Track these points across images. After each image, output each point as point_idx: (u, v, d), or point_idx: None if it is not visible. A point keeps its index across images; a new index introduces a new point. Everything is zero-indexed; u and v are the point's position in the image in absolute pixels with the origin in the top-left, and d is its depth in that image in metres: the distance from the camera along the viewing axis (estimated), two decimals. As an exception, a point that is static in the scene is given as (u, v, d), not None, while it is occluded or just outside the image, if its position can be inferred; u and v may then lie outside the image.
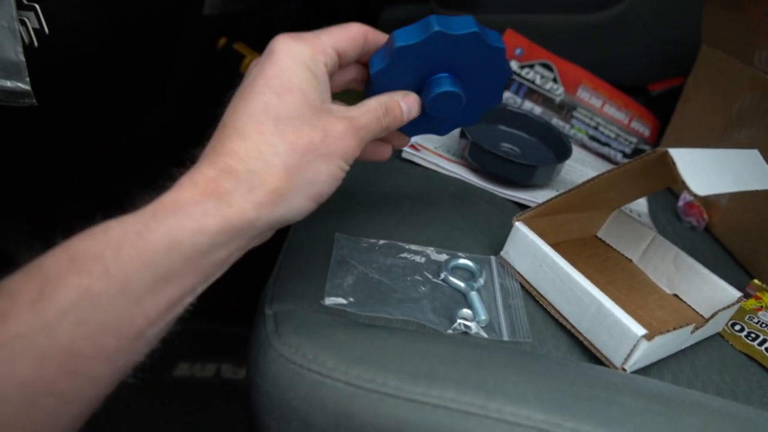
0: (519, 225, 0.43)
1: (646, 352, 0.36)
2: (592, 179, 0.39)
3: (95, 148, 0.82)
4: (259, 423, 0.35)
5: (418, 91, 0.37)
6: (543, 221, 0.46)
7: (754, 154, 0.42)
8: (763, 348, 0.44)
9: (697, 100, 0.65)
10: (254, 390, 0.35)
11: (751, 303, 0.49)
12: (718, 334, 0.45)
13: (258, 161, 0.28)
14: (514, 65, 0.75)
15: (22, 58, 0.41)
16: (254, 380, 0.35)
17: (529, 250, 0.42)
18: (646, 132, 0.75)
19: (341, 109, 0.32)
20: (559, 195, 0.41)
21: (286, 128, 0.29)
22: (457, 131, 0.57)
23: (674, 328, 0.37)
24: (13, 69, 0.41)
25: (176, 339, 0.28)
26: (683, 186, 0.33)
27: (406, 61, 0.34)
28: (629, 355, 0.36)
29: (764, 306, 0.48)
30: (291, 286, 0.40)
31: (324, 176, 0.30)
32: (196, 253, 0.26)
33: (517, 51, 0.76)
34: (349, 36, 0.33)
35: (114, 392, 0.27)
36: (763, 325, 0.46)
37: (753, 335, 0.45)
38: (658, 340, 0.36)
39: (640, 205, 0.60)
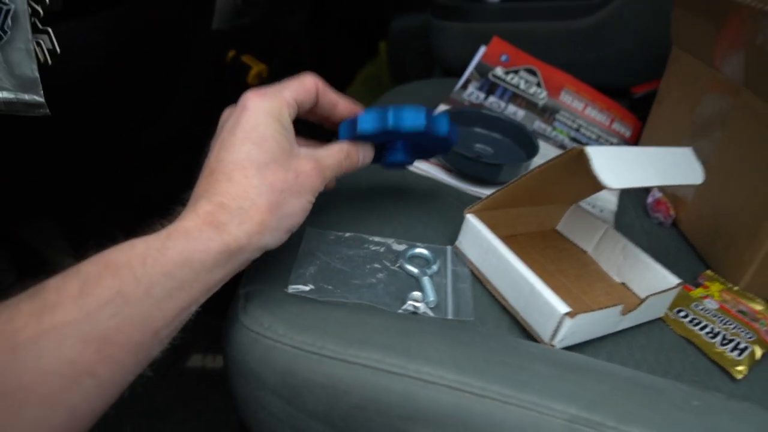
0: (469, 217, 0.47)
1: (571, 329, 0.40)
2: (525, 174, 0.43)
3: (115, 154, 0.89)
4: (230, 386, 0.41)
5: (380, 146, 0.46)
6: (496, 214, 0.50)
7: (687, 152, 0.45)
8: (703, 332, 0.47)
9: (668, 102, 0.68)
10: (225, 358, 0.41)
11: (699, 291, 0.52)
12: (661, 320, 0.49)
13: (245, 200, 0.34)
14: (499, 71, 0.79)
15: (36, 74, 0.48)
16: (225, 350, 0.40)
17: (477, 239, 0.47)
18: (627, 133, 0.78)
19: (308, 152, 0.38)
20: (500, 189, 0.46)
21: (265, 172, 0.35)
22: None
23: (599, 308, 0.41)
24: (29, 84, 0.48)
25: (190, 332, 0.34)
26: (597, 180, 0.37)
27: (366, 137, 0.43)
28: (556, 332, 0.40)
29: (710, 294, 0.51)
30: (264, 271, 0.45)
31: (297, 209, 0.37)
32: (202, 269, 0.32)
33: (503, 57, 0.80)
34: (305, 89, 0.40)
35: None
36: (707, 312, 0.49)
37: (696, 321, 0.48)
38: (581, 318, 0.39)
39: (609, 202, 0.64)
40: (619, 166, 0.38)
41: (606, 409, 0.34)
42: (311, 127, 0.47)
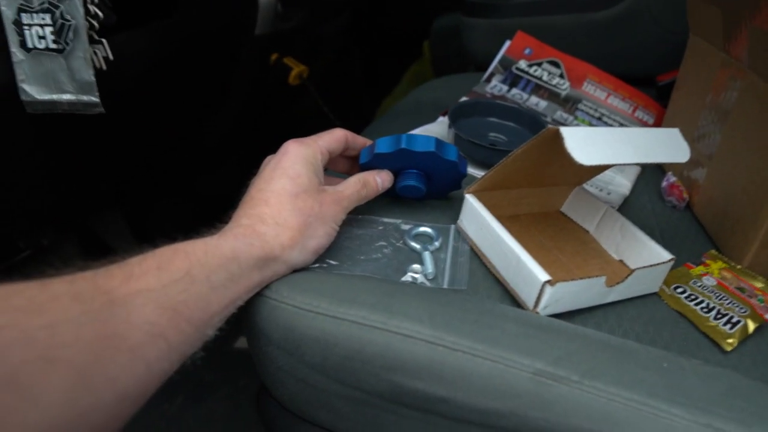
0: (468, 197, 0.51)
1: (554, 297, 0.43)
2: (510, 155, 0.46)
3: (174, 152, 0.98)
4: (249, 347, 0.47)
5: (396, 173, 0.53)
6: (498, 194, 0.53)
7: (674, 132, 0.47)
8: (697, 307, 0.49)
9: (686, 88, 0.68)
10: (244, 322, 0.46)
11: (699, 269, 0.53)
12: (657, 295, 0.50)
13: (280, 218, 0.41)
14: (522, 64, 0.82)
15: (93, 79, 0.56)
16: (244, 316, 0.46)
17: (475, 217, 0.50)
18: (650, 120, 0.79)
19: (331, 188, 0.46)
20: (493, 168, 0.49)
21: (296, 200, 0.42)
22: (446, 123, 0.66)
23: (581, 278, 0.44)
24: (87, 86, 0.57)
25: (236, 317, 0.40)
26: (570, 158, 0.40)
27: (382, 161, 0.51)
28: (539, 299, 0.43)
29: (710, 272, 0.52)
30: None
31: (321, 233, 0.44)
32: (247, 267, 0.38)
33: (527, 51, 0.83)
34: (336, 139, 0.49)
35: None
36: (704, 288, 0.51)
37: (692, 297, 0.50)
38: (562, 286, 0.42)
39: (622, 186, 0.65)
40: (595, 145, 0.41)
41: (571, 365, 0.37)
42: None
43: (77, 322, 0.29)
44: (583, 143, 0.40)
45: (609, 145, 0.42)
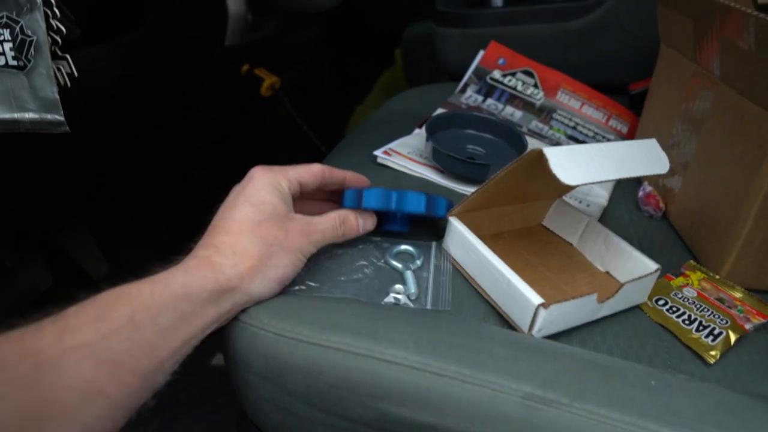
0: (452, 219, 0.50)
1: (548, 319, 0.42)
2: (493, 177, 0.46)
3: (142, 166, 0.96)
4: (228, 374, 0.45)
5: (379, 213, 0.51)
6: (481, 214, 0.53)
7: (652, 143, 0.47)
8: (679, 319, 0.49)
9: (658, 97, 0.69)
10: (223, 349, 0.45)
11: (679, 281, 0.53)
12: (639, 308, 0.50)
13: (238, 247, 0.39)
14: (496, 74, 0.82)
15: (57, 96, 0.54)
16: (223, 342, 0.44)
17: (460, 240, 0.49)
18: (624, 129, 0.79)
19: (304, 218, 0.44)
20: (476, 191, 0.48)
21: (258, 228, 0.40)
22: (424, 135, 0.65)
23: (573, 298, 0.43)
24: (51, 105, 0.54)
25: (214, 332, 0.39)
26: (555, 179, 0.39)
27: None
28: (533, 322, 0.42)
29: (689, 283, 0.53)
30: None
31: (285, 262, 0.41)
32: (199, 303, 0.36)
33: (500, 61, 0.83)
34: (311, 173, 0.47)
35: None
36: (685, 300, 0.51)
37: (674, 309, 0.50)
38: (556, 307, 0.42)
39: (600, 197, 0.65)
40: (578, 163, 0.41)
41: (560, 387, 0.37)
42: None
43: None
44: (567, 163, 0.40)
45: (592, 162, 0.41)
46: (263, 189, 0.42)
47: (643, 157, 0.45)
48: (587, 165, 0.41)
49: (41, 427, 0.28)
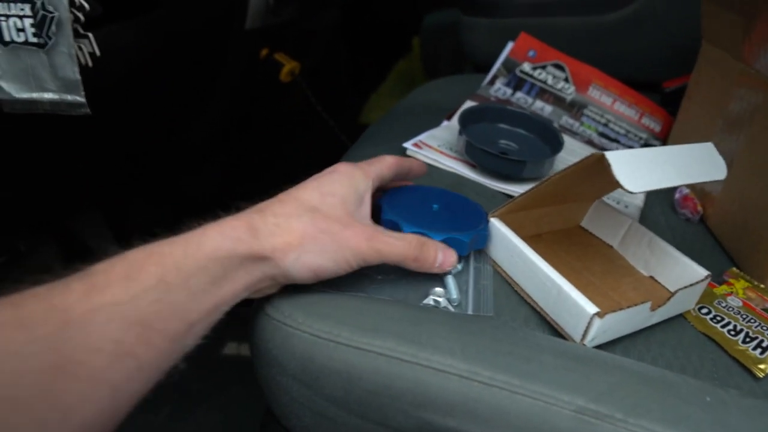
0: (494, 220, 0.48)
1: (602, 329, 0.40)
2: (545, 180, 0.43)
3: (158, 150, 0.93)
4: (256, 372, 0.43)
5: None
6: (521, 215, 0.50)
7: (709, 147, 0.45)
8: (725, 330, 0.47)
9: (698, 97, 0.67)
10: (250, 345, 0.43)
11: (722, 288, 0.51)
12: (682, 316, 0.48)
13: (284, 219, 0.36)
14: (526, 67, 0.79)
15: (78, 76, 0.51)
16: (250, 338, 0.43)
17: (503, 242, 0.47)
18: (657, 128, 0.77)
19: (376, 226, 0.41)
20: (525, 193, 0.46)
21: (315, 213, 0.37)
22: (456, 128, 0.63)
23: (628, 306, 0.41)
24: (71, 85, 0.52)
25: (225, 321, 0.36)
26: (618, 185, 0.37)
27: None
28: (586, 332, 0.40)
29: (734, 291, 0.51)
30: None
31: (329, 254, 0.37)
32: (231, 267, 0.34)
33: (530, 53, 0.80)
34: (388, 166, 0.45)
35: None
36: (730, 309, 0.49)
37: (718, 318, 0.48)
38: (611, 317, 0.40)
39: (636, 197, 0.63)
40: (640, 169, 0.39)
41: (614, 401, 0.35)
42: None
43: (22, 354, 0.26)
44: (629, 169, 0.38)
45: (654, 168, 0.39)
46: (338, 182, 0.40)
47: (701, 163, 0.43)
48: (649, 171, 0.39)
49: (68, 387, 0.27)
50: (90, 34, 0.52)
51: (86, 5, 0.51)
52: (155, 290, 0.30)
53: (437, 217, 0.47)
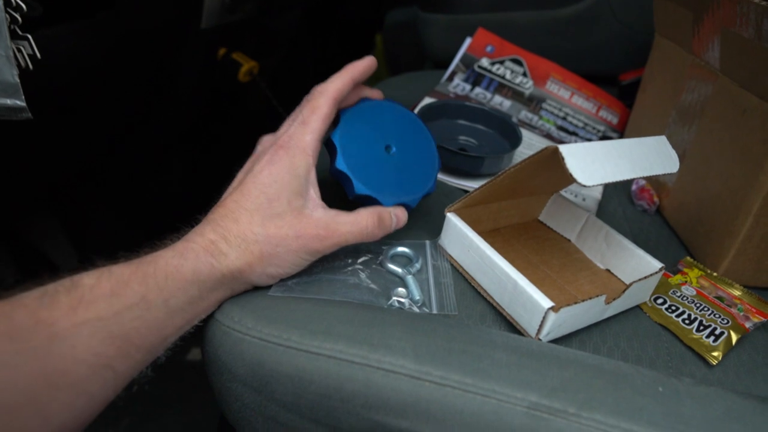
0: (450, 215, 0.48)
1: (557, 323, 0.40)
2: (500, 173, 0.43)
3: (113, 154, 0.91)
4: (208, 379, 0.42)
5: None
6: (478, 210, 0.50)
7: (661, 140, 0.45)
8: (679, 319, 0.47)
9: (652, 89, 0.67)
10: (202, 352, 0.42)
11: (677, 278, 0.52)
12: (638, 307, 0.49)
13: (243, 241, 0.38)
14: (484, 62, 0.79)
15: (17, 80, 0.49)
16: (202, 345, 0.41)
17: (459, 237, 0.47)
18: (614, 120, 0.78)
19: (325, 218, 0.41)
20: (481, 187, 0.46)
21: (269, 224, 0.39)
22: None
23: (582, 300, 0.41)
24: (10, 89, 0.49)
25: (191, 330, 0.38)
26: (572, 179, 0.37)
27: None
28: (541, 326, 0.40)
29: (688, 280, 0.51)
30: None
31: (288, 263, 0.40)
32: (206, 289, 0.37)
33: (488, 48, 0.80)
34: (344, 84, 0.44)
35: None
36: (684, 298, 0.49)
37: (673, 308, 0.48)
38: (566, 311, 0.40)
39: (594, 190, 0.64)
40: (594, 163, 0.38)
41: (567, 396, 0.35)
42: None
43: (11, 364, 0.28)
44: (584, 163, 0.37)
45: (607, 161, 0.39)
46: (278, 177, 0.39)
47: (655, 156, 0.43)
48: (603, 165, 0.39)
49: (52, 396, 0.29)
50: (29, 36, 0.50)
51: (24, 6, 0.49)
52: (137, 308, 0.33)
53: (391, 170, 0.46)
